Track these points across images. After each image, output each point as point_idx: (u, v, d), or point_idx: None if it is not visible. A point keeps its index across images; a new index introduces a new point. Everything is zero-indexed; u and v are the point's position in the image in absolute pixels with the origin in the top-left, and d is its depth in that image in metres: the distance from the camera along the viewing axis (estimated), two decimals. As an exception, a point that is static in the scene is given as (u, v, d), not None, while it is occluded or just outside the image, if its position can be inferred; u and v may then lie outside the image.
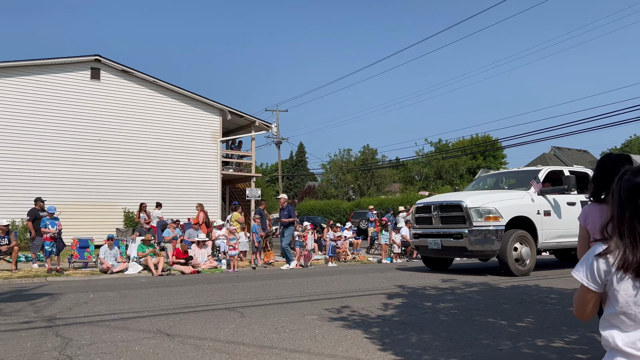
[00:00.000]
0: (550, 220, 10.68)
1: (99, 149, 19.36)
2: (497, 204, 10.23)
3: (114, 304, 7.09)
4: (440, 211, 10.92)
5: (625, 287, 1.57)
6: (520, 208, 10.40)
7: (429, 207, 11.29)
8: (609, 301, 1.63)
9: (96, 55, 19.52)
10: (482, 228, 10.05)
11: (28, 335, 5.02)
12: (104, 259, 12.26)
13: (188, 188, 21.07)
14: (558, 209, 10.84)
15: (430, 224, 11.16)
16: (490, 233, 9.99)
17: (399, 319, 5.62)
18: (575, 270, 1.72)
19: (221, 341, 4.64)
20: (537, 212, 10.53)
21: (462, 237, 10.26)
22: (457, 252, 10.81)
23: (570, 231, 10.91)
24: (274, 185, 61.86)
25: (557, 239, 10.93)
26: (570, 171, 11.75)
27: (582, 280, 1.68)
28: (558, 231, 10.83)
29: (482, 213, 10.13)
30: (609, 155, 3.05)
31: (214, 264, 13.38)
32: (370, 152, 48.66)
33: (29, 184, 17.70)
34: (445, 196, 12.18)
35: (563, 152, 52.63)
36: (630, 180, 1.63)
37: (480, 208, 10.19)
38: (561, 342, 4.51)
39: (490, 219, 10.08)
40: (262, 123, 24.00)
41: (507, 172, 13.24)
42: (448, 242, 10.56)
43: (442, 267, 12.02)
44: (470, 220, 10.16)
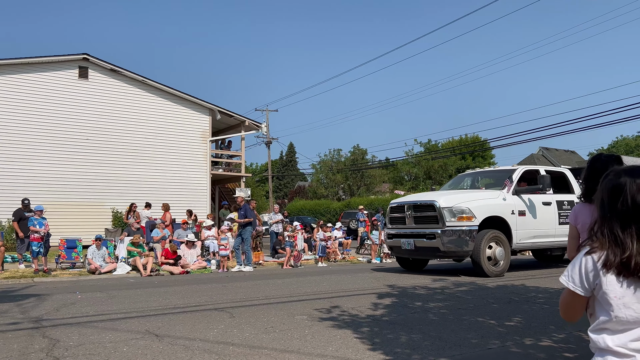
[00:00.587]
0: (525, 220, 10.55)
1: (87, 149, 19.20)
2: (470, 204, 10.06)
3: (102, 305, 7.03)
4: (414, 211, 10.73)
5: (613, 288, 1.58)
6: (494, 208, 10.25)
7: (402, 206, 11.10)
8: (600, 306, 1.63)
9: (84, 54, 19.35)
10: (455, 228, 9.88)
11: (15, 337, 4.96)
12: (92, 259, 12.15)
13: (177, 188, 20.96)
14: (533, 208, 10.71)
15: (404, 224, 10.97)
16: (463, 233, 9.82)
17: (389, 318, 5.64)
18: (562, 275, 1.72)
19: (210, 342, 4.62)
20: (512, 212, 10.39)
21: (435, 237, 10.06)
22: (430, 253, 10.59)
23: (545, 231, 10.89)
24: (264, 185, 61.74)
25: (533, 239, 10.81)
26: (546, 171, 11.60)
27: (568, 284, 1.68)
28: (533, 231, 10.71)
29: (455, 213, 9.96)
30: (599, 156, 3.08)
31: (203, 264, 13.32)
32: (360, 152, 48.71)
33: (15, 183, 17.50)
34: (419, 196, 12.00)
35: (551, 152, 53.08)
36: (611, 181, 1.66)
37: (453, 208, 10.01)
38: (549, 341, 4.55)
39: (463, 219, 9.91)
40: (252, 123, 23.95)
41: (483, 171, 13.10)
42: (421, 242, 10.36)
43: (417, 268, 11.82)
44: (443, 220, 9.98)
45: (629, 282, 1.56)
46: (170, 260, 12.73)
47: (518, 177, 10.99)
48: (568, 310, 1.75)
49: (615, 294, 1.57)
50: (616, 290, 1.57)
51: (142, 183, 20.08)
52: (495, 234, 10.07)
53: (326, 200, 42.75)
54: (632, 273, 1.55)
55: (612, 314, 1.58)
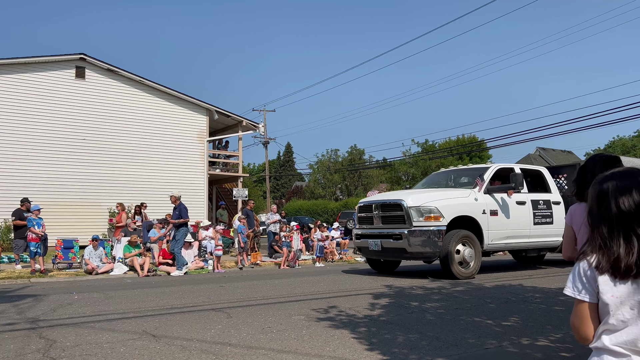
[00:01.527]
0: (497, 220, 10.18)
1: (84, 149, 19.15)
2: (438, 203, 9.65)
3: (99, 305, 7.02)
4: (381, 210, 10.32)
5: (609, 288, 1.59)
6: (463, 207, 9.86)
7: (370, 206, 10.67)
8: (601, 312, 1.64)
9: (81, 53, 19.30)
10: (423, 228, 9.50)
11: (11, 337, 4.94)
12: (88, 259, 12.13)
13: (174, 188, 20.80)
14: (506, 208, 10.34)
15: (372, 224, 10.57)
16: (431, 234, 9.43)
17: (386, 318, 5.64)
18: (566, 288, 1.71)
19: (208, 342, 4.61)
20: (483, 212, 9.99)
21: (401, 238, 9.66)
22: (398, 254, 10.15)
23: (519, 232, 10.55)
24: (262, 185, 61.70)
25: (506, 240, 10.43)
26: (521, 169, 11.24)
27: (575, 295, 1.68)
28: (506, 232, 10.34)
29: (423, 212, 9.58)
30: (592, 156, 3.12)
31: (200, 264, 13.31)
32: (358, 153, 48.77)
33: (11, 184, 17.44)
34: (387, 195, 11.50)
35: (548, 152, 53.21)
36: (596, 187, 1.69)
37: (421, 207, 9.62)
38: (546, 341, 4.56)
39: (431, 219, 9.53)
40: (249, 123, 23.94)
41: (457, 169, 12.58)
42: (388, 243, 9.96)
43: (388, 270, 11.48)
44: (410, 220, 9.60)
45: (622, 282, 1.58)
46: (168, 261, 12.72)
47: (491, 175, 10.62)
48: (582, 325, 1.68)
49: (612, 293, 1.59)
50: (612, 290, 1.59)
51: (139, 183, 20.05)
52: (464, 234, 9.70)
53: (324, 201, 42.77)
54: (623, 274, 1.57)
55: (610, 313, 1.59)
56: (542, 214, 10.93)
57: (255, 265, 14.31)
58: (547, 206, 11.05)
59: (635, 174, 1.64)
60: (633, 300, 1.56)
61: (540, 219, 10.89)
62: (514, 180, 10.20)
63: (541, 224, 10.89)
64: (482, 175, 10.53)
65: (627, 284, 1.57)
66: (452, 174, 12.14)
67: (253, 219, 16.31)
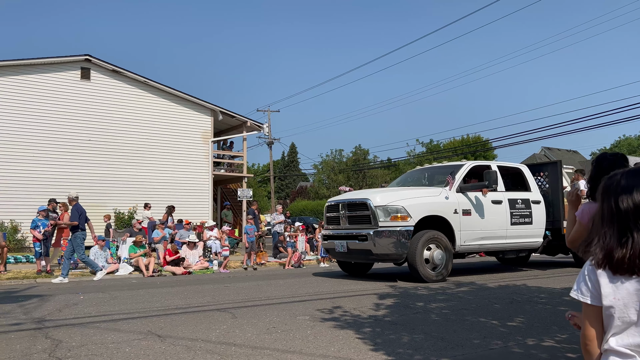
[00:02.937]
0: (470, 220, 9.69)
1: (89, 150, 19.23)
2: (405, 202, 9.16)
3: (105, 305, 7.04)
4: (348, 210, 9.87)
5: (612, 290, 1.59)
6: (433, 206, 9.38)
7: (337, 205, 10.19)
8: (606, 316, 1.63)
9: (86, 55, 19.39)
10: (389, 229, 9.05)
11: (17, 337, 4.97)
12: (94, 260, 12.17)
13: (179, 188, 20.99)
14: (480, 207, 9.83)
15: (339, 225, 10.14)
16: (397, 234, 8.97)
17: (391, 319, 5.64)
18: (572, 290, 1.72)
19: (212, 342, 4.62)
20: (454, 211, 9.52)
21: (367, 239, 9.22)
22: (364, 256, 9.67)
23: (495, 232, 10.08)
24: (266, 185, 61.76)
25: (480, 241, 9.94)
26: (499, 166, 10.78)
27: (577, 296, 1.68)
28: (480, 232, 9.86)
29: (390, 212, 9.12)
30: (604, 155, 3.09)
31: (205, 264, 13.35)
32: (362, 153, 48.76)
33: (16, 184, 17.54)
34: (354, 193, 11.00)
35: (553, 152, 53.02)
36: (603, 183, 1.71)
37: (387, 207, 9.16)
38: (551, 342, 4.55)
39: (397, 219, 9.06)
40: (253, 123, 23.96)
41: (432, 167, 11.99)
42: (354, 244, 9.53)
43: (360, 273, 11.03)
44: (376, 220, 9.16)
45: (624, 281, 1.57)
46: (173, 258, 12.76)
47: (465, 173, 10.15)
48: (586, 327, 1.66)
49: (614, 295, 1.58)
50: (614, 293, 1.58)
51: (144, 184, 20.11)
52: (434, 235, 9.24)
53: (328, 201, 42.74)
54: (624, 271, 1.56)
55: (615, 315, 1.59)
56: (520, 214, 10.48)
57: (260, 266, 14.33)
58: (525, 205, 10.61)
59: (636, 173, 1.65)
60: (637, 301, 1.55)
61: (518, 218, 10.44)
62: (487, 178, 9.72)
63: (519, 224, 10.46)
64: (454, 173, 10.03)
65: (629, 285, 1.57)
66: (427, 172, 11.61)
67: (258, 220, 16.35)
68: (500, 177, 10.40)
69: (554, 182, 11.51)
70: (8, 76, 18.02)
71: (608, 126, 36.96)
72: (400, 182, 11.78)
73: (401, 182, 11.72)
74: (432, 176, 11.06)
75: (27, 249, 16.54)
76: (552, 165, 11.81)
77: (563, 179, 12.02)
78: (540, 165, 12.25)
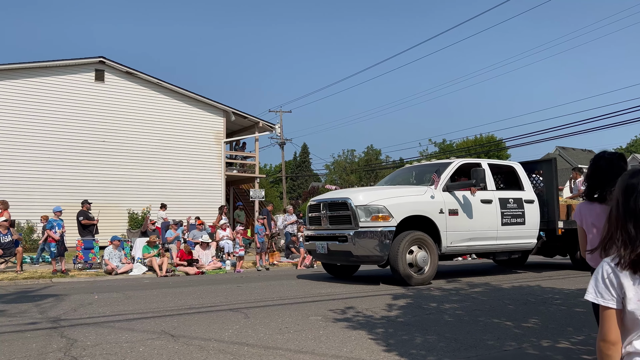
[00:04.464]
0: (457, 220, 9.26)
1: (104, 150, 19.45)
2: (387, 202, 8.74)
3: (119, 305, 7.11)
4: (329, 210, 9.45)
5: (636, 291, 1.55)
6: (416, 206, 8.96)
7: (319, 205, 9.78)
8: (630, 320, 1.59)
9: (100, 57, 19.61)
10: (369, 229, 8.64)
11: (33, 336, 5.04)
12: (108, 260, 12.30)
13: (192, 189, 21.13)
14: (469, 207, 9.40)
15: (320, 225, 9.74)
16: (378, 235, 8.55)
17: (404, 319, 5.61)
18: (587, 294, 1.67)
19: (225, 342, 4.64)
20: (440, 211, 9.07)
21: (347, 240, 8.84)
22: (344, 257, 9.30)
23: (484, 233, 9.65)
24: (278, 186, 61.88)
25: (468, 242, 9.48)
26: (491, 164, 10.36)
27: (596, 299, 1.63)
28: (468, 233, 9.41)
29: (371, 212, 8.70)
30: (602, 154, 3.06)
31: (218, 264, 13.41)
32: (374, 153, 48.64)
33: (32, 186, 17.80)
34: (335, 192, 10.57)
35: (568, 152, 52.44)
36: (625, 180, 1.68)
37: (369, 206, 8.74)
38: (567, 343, 4.49)
39: (378, 219, 8.64)
40: (265, 124, 24.04)
41: (421, 165, 11.39)
42: (334, 245, 9.13)
43: (346, 275, 10.57)
44: (357, 220, 8.75)
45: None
46: (184, 262, 12.84)
47: (452, 171, 9.71)
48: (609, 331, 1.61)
49: (638, 296, 1.55)
50: (638, 292, 1.55)
51: (157, 184, 20.28)
52: (417, 236, 8.81)
53: (340, 201, 42.65)
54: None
55: (637, 317, 1.56)
56: (511, 214, 10.02)
57: (272, 266, 14.36)
58: (518, 205, 10.14)
59: None
60: None
61: (510, 219, 9.99)
62: (474, 176, 9.27)
63: (511, 224, 10.00)
64: (440, 171, 9.60)
65: None
66: (415, 170, 11.06)
67: (271, 220, 16.38)
68: (491, 175, 10.05)
69: (548, 180, 10.99)
70: (24, 78, 18.29)
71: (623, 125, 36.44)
72: (388, 181, 11.36)
73: (389, 181, 11.29)
74: (420, 175, 10.49)
75: (43, 249, 16.73)
76: (547, 163, 11.23)
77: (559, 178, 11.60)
78: (535, 164, 11.76)
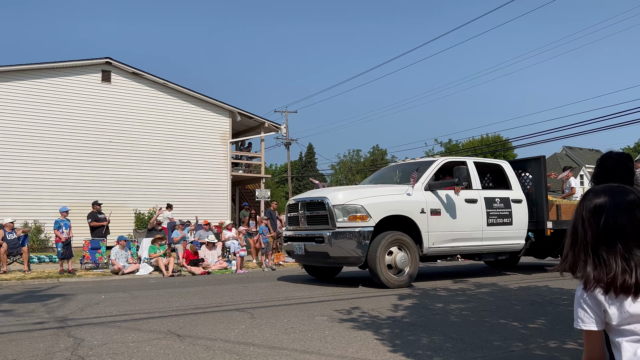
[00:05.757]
0: (440, 220, 8.96)
1: (110, 151, 19.54)
2: (365, 201, 8.45)
3: (125, 305, 7.14)
4: (307, 210, 9.16)
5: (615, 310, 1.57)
6: (396, 205, 8.66)
7: (297, 205, 9.50)
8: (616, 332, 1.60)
9: (107, 57, 19.71)
10: (346, 229, 8.35)
11: (41, 336, 5.07)
12: (115, 260, 12.36)
13: (198, 189, 21.19)
14: (452, 207, 9.11)
15: (298, 226, 9.47)
16: (355, 236, 8.27)
17: (410, 320, 5.60)
18: (575, 324, 1.67)
19: (231, 342, 4.65)
20: (421, 211, 8.77)
21: (323, 240, 8.55)
22: (321, 259, 8.98)
23: (468, 234, 9.35)
24: (284, 186, 61.94)
25: (451, 243, 9.19)
26: (478, 163, 10.08)
27: (579, 325, 1.64)
28: (451, 234, 9.12)
29: (349, 211, 8.41)
30: (609, 154, 3.02)
31: (223, 264, 13.44)
32: (380, 153, 48.68)
33: (39, 186, 17.91)
34: (313, 192, 10.17)
35: (575, 151, 52.20)
36: (591, 201, 1.63)
37: (347, 206, 8.45)
38: (574, 344, 4.47)
39: (356, 219, 8.35)
40: (271, 124, 24.08)
41: (405, 163, 11.07)
42: (311, 246, 8.83)
43: (328, 276, 10.32)
44: (334, 220, 8.46)
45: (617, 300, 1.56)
46: (193, 259, 12.88)
47: (436, 169, 9.47)
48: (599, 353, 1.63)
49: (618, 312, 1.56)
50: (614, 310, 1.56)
51: (163, 185, 20.36)
52: (397, 236, 8.52)
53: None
54: (619, 292, 1.53)
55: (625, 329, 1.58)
56: (498, 214, 9.71)
57: (277, 266, 14.38)
58: (505, 205, 9.83)
59: (627, 191, 1.61)
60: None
61: (496, 219, 9.68)
62: (457, 174, 8.96)
63: (497, 224, 9.70)
64: (422, 170, 9.31)
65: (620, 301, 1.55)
66: (399, 168, 10.72)
67: (276, 220, 16.37)
68: (476, 174, 9.81)
69: (537, 179, 10.64)
70: (31, 79, 18.42)
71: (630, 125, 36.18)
72: (372, 180, 11.04)
73: (373, 180, 10.97)
74: (404, 173, 10.06)
75: (50, 249, 16.86)
76: (536, 162, 10.86)
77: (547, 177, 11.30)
78: (524, 162, 11.44)
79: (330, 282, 9.93)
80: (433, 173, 9.40)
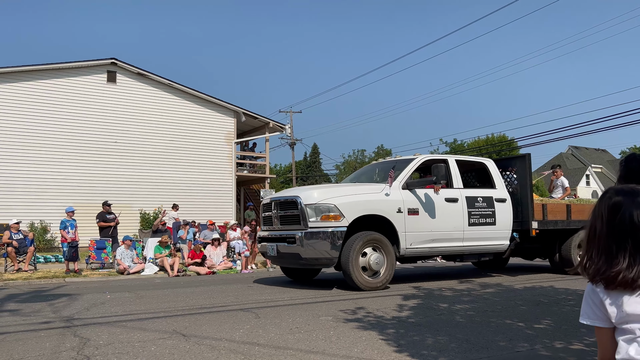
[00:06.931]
0: (417, 220, 8.64)
1: (115, 152, 19.61)
2: (338, 200, 8.13)
3: (131, 305, 7.16)
4: (280, 209, 8.86)
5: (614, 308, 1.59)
6: (370, 205, 8.33)
7: (271, 204, 9.18)
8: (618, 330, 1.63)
9: (112, 58, 19.79)
10: (318, 230, 8.03)
11: (47, 335, 5.09)
12: (120, 260, 12.40)
13: (203, 189, 21.24)
14: (431, 206, 8.80)
15: (272, 226, 9.18)
16: (327, 236, 7.96)
17: (415, 320, 5.59)
18: (580, 317, 1.72)
19: (236, 342, 4.65)
20: (398, 210, 8.45)
21: (295, 241, 8.25)
22: (294, 260, 8.66)
23: (449, 234, 9.04)
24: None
25: (430, 243, 8.87)
26: (459, 161, 9.82)
27: (585, 320, 1.69)
28: (430, 234, 8.80)
29: (321, 211, 8.10)
30: (633, 156, 3.04)
31: (228, 264, 13.46)
32: (385, 153, 48.60)
33: (45, 186, 17.99)
34: (286, 191, 9.88)
35: (581, 151, 51.94)
36: (610, 199, 1.68)
37: (319, 205, 8.12)
38: (580, 345, 4.45)
39: (329, 219, 8.04)
40: (276, 124, 24.10)
41: (385, 161, 10.70)
42: (284, 247, 8.54)
43: (306, 278, 10.08)
44: (306, 220, 8.15)
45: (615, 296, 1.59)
46: (197, 260, 12.91)
47: (414, 167, 9.20)
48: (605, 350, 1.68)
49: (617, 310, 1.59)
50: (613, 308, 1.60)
51: (169, 185, 20.42)
52: (371, 237, 8.21)
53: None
54: (616, 286, 1.57)
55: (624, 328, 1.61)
56: (480, 213, 9.39)
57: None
58: (487, 204, 9.50)
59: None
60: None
61: (478, 218, 9.36)
62: (435, 172, 8.64)
63: (479, 224, 9.38)
64: (399, 168, 9.01)
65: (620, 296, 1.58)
66: (379, 167, 10.37)
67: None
68: (458, 172, 9.55)
69: (522, 178, 10.35)
70: (39, 80, 18.52)
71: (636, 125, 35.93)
72: (353, 179, 10.73)
73: (353, 179, 10.66)
74: (384, 172, 9.68)
75: (56, 249, 16.95)
76: (521, 160, 10.60)
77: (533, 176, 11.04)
78: (509, 160, 11.15)
79: (330, 282, 9.93)
80: (412, 171, 9.15)
